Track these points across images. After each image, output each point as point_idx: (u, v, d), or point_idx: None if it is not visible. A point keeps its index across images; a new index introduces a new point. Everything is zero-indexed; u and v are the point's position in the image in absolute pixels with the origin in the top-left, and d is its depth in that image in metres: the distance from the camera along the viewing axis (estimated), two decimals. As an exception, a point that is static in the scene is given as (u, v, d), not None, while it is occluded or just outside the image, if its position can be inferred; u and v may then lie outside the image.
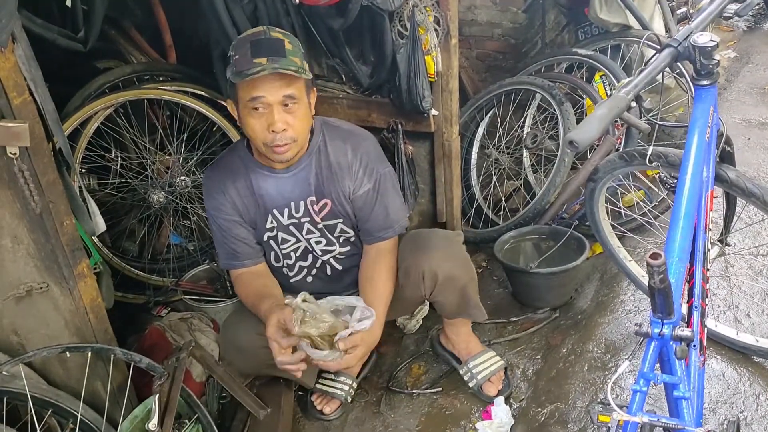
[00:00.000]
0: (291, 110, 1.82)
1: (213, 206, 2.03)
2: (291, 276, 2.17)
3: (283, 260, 2.13)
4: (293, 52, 1.81)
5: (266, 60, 1.75)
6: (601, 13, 3.16)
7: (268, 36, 1.81)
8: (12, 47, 1.48)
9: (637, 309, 2.45)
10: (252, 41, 1.79)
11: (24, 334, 1.87)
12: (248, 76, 1.73)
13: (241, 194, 2.01)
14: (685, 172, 1.56)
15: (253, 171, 2.00)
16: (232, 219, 2.02)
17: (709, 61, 1.62)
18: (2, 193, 1.60)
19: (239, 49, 1.80)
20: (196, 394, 2.10)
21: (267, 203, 2.02)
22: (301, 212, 2.04)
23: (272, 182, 2.00)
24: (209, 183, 2.05)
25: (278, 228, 2.06)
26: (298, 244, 2.10)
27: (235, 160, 2.03)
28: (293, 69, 1.76)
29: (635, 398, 1.23)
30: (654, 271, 1.11)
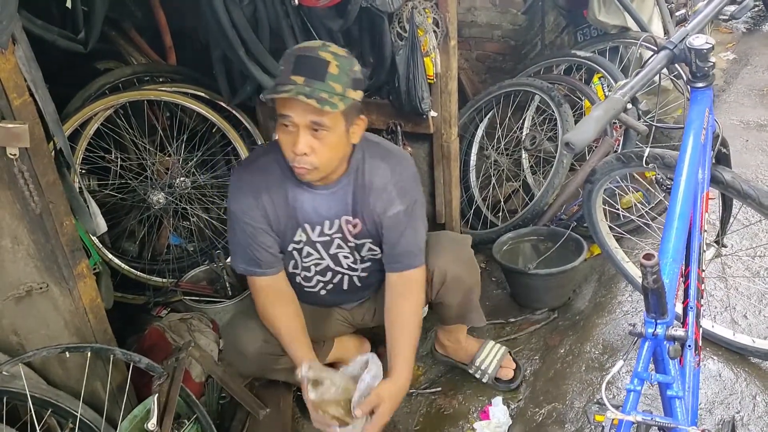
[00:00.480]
0: (319, 136, 1.71)
1: (240, 208, 1.90)
2: (305, 286, 2.10)
3: (301, 271, 2.05)
4: (336, 77, 1.67)
5: (302, 80, 1.65)
6: (600, 15, 3.18)
7: (315, 54, 1.69)
8: (12, 48, 1.49)
9: (634, 310, 2.46)
10: (299, 55, 1.70)
11: (24, 334, 1.88)
12: (276, 93, 1.66)
13: (275, 203, 1.89)
14: (680, 173, 1.57)
15: (290, 180, 1.87)
16: (258, 226, 1.91)
17: (705, 64, 1.63)
18: (2, 193, 1.60)
19: (286, 59, 1.72)
20: (196, 394, 2.11)
21: (299, 217, 1.92)
22: (334, 229, 1.96)
23: (309, 197, 1.90)
24: (240, 183, 1.92)
25: (306, 242, 1.97)
26: (321, 261, 2.02)
27: (272, 165, 1.89)
28: (322, 97, 1.64)
29: (629, 397, 1.24)
30: (647, 272, 1.12)
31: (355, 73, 1.73)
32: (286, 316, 1.99)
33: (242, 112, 3.01)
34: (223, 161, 3.21)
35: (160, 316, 2.78)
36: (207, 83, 2.94)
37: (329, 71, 1.67)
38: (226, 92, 2.80)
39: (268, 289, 1.99)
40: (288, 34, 2.50)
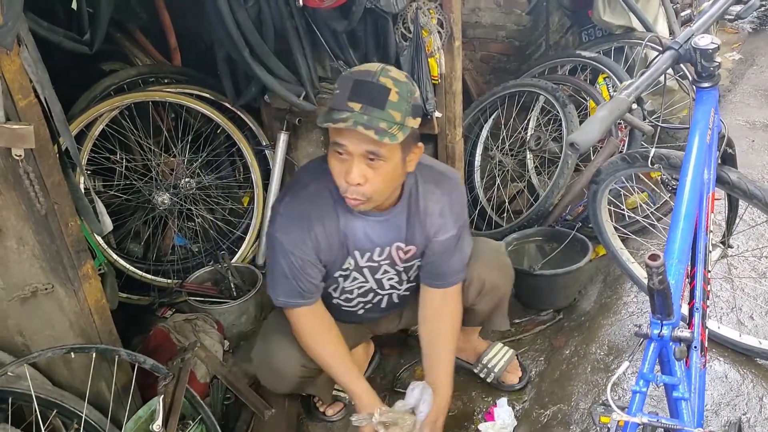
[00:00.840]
0: (374, 166, 1.62)
1: (290, 241, 1.79)
2: (343, 306, 2.05)
3: (342, 294, 2.01)
4: (396, 104, 1.58)
5: (360, 107, 1.56)
6: (605, 16, 3.17)
7: (375, 80, 1.59)
8: (17, 50, 1.50)
9: (639, 311, 2.45)
10: (356, 80, 1.60)
11: (29, 335, 1.89)
12: (333, 122, 1.56)
13: (327, 233, 1.81)
14: (686, 174, 1.56)
15: (342, 207, 1.79)
16: (307, 259, 1.82)
17: (710, 64, 1.62)
18: (7, 194, 1.61)
19: (342, 84, 1.62)
20: (200, 395, 2.11)
21: (350, 245, 1.85)
22: (384, 256, 1.91)
23: (361, 225, 1.83)
24: (291, 214, 1.81)
25: (353, 269, 1.92)
26: (365, 284, 1.98)
27: (323, 192, 1.79)
28: (381, 127, 1.55)
29: (635, 399, 1.23)
30: (653, 272, 1.11)
31: (415, 100, 1.65)
32: (331, 344, 1.95)
33: (247, 113, 3.02)
34: (228, 162, 3.22)
35: (164, 316, 2.78)
36: (212, 84, 2.95)
37: (389, 99, 1.58)
38: (230, 93, 2.81)
39: (309, 316, 1.93)
40: (292, 35, 2.51)
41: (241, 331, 2.75)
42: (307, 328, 1.93)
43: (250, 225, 3.12)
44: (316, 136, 3.01)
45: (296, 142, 3.09)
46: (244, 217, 3.17)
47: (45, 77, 1.59)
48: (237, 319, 2.73)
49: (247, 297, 2.73)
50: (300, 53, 2.57)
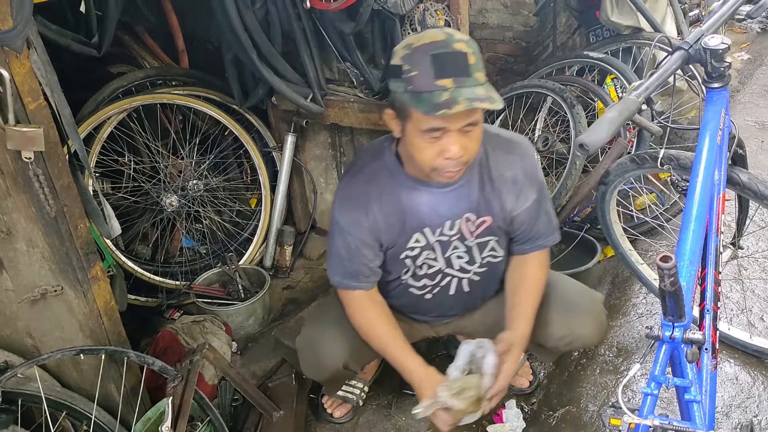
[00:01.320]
0: (470, 134, 1.57)
1: (348, 222, 1.77)
2: (411, 286, 1.95)
3: (409, 275, 1.92)
4: (476, 65, 1.51)
5: (452, 82, 1.47)
6: (613, 16, 3.16)
7: (450, 49, 1.50)
8: (27, 53, 1.50)
9: (649, 312, 2.44)
10: (434, 55, 1.49)
11: (38, 337, 1.89)
12: (437, 108, 1.46)
13: (386, 213, 1.76)
14: (696, 174, 1.55)
15: (403, 185, 1.74)
16: (365, 241, 1.78)
17: (721, 64, 1.61)
18: (17, 197, 1.62)
19: (416, 62, 1.50)
20: (209, 397, 2.11)
21: (415, 222, 1.79)
22: (455, 230, 1.82)
23: (427, 198, 1.76)
24: (349, 195, 1.78)
25: (423, 247, 1.83)
26: (435, 264, 1.89)
27: (381, 172, 1.76)
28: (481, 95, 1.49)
29: (646, 401, 1.22)
30: (664, 274, 1.11)
31: (479, 51, 1.56)
32: (386, 324, 1.89)
33: (254, 115, 3.03)
34: (235, 164, 3.22)
35: (173, 318, 2.78)
36: (219, 86, 2.96)
37: (470, 63, 1.51)
38: (238, 95, 2.82)
39: (363, 299, 1.89)
40: (300, 37, 2.51)
41: (249, 333, 2.76)
42: (360, 310, 1.89)
43: (257, 227, 3.13)
44: (323, 138, 3.02)
45: (303, 144, 3.09)
46: (251, 219, 3.18)
47: (54, 80, 1.60)
48: (245, 320, 2.73)
49: (255, 299, 2.73)
50: (307, 55, 2.58)
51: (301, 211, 3.28)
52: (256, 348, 2.65)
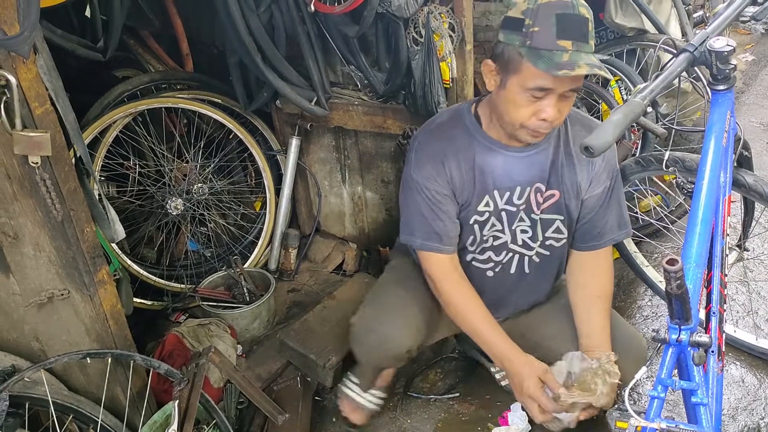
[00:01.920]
0: (568, 99, 1.59)
1: (424, 176, 1.74)
2: (475, 260, 1.90)
3: (477, 246, 1.86)
4: (593, 34, 1.54)
5: (571, 44, 1.49)
6: (617, 18, 3.16)
7: (576, 11, 1.50)
8: (33, 58, 1.51)
9: (654, 315, 2.44)
10: (559, 14, 1.49)
11: (45, 341, 1.90)
12: (558, 69, 1.46)
13: (462, 169, 1.74)
14: (702, 176, 1.55)
15: (479, 144, 1.73)
16: (444, 192, 1.75)
17: (726, 66, 1.61)
18: (24, 201, 1.62)
19: (541, 18, 1.49)
20: (214, 400, 2.11)
21: (488, 182, 1.76)
22: (523, 199, 1.79)
23: (501, 160, 1.74)
24: (425, 149, 1.76)
25: (492, 212, 1.80)
26: (501, 235, 1.85)
27: (458, 128, 1.76)
28: (596, 63, 1.51)
29: (653, 404, 1.22)
30: (671, 277, 1.11)
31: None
32: (479, 302, 1.82)
33: (258, 118, 3.04)
34: (240, 167, 3.23)
35: (178, 321, 2.79)
36: (224, 90, 2.97)
37: (589, 30, 1.52)
38: (242, 99, 2.82)
39: (449, 267, 1.82)
40: (304, 41, 2.52)
41: (254, 336, 2.76)
42: (451, 282, 1.82)
43: (262, 230, 3.13)
44: (328, 141, 3.02)
45: (308, 147, 3.10)
46: (256, 222, 3.19)
47: (59, 85, 1.60)
48: (250, 323, 2.74)
49: (260, 302, 2.73)
50: (311, 58, 2.58)
51: (306, 214, 3.28)
52: (261, 351, 2.65)
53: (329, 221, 3.28)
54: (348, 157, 3.00)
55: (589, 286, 1.87)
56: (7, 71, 1.43)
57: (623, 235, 1.89)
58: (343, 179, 3.09)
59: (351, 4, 2.24)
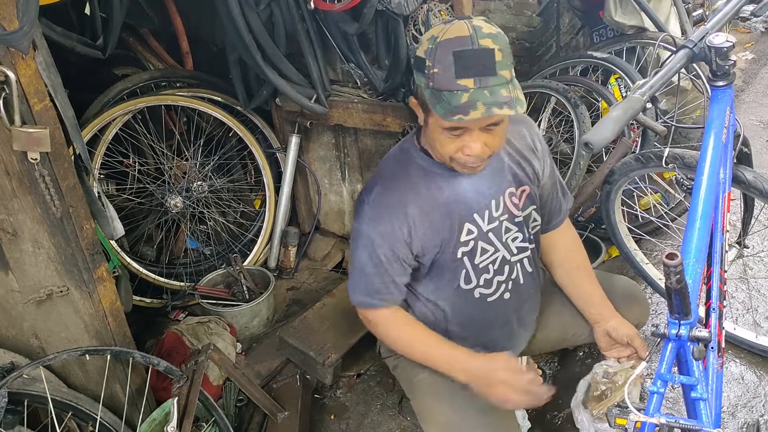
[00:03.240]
0: (493, 131, 1.50)
1: (382, 233, 1.64)
2: (488, 296, 1.80)
3: (477, 279, 1.77)
4: (503, 63, 1.42)
5: (472, 82, 1.40)
6: (617, 16, 3.15)
7: (476, 45, 1.40)
8: (33, 54, 1.51)
9: (654, 312, 2.43)
10: (456, 52, 1.41)
11: (44, 338, 1.90)
12: (454, 112, 1.40)
13: (426, 212, 1.65)
14: (702, 173, 1.55)
15: (440, 177, 1.65)
16: (396, 251, 1.66)
17: (725, 62, 1.60)
18: (24, 198, 1.62)
19: (438, 58, 1.43)
20: (213, 397, 2.11)
21: (464, 210, 1.68)
22: (501, 209, 1.73)
23: (468, 183, 1.67)
24: (384, 202, 1.64)
25: (478, 237, 1.72)
26: (496, 255, 1.77)
27: (412, 170, 1.66)
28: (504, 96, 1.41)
29: (652, 399, 1.22)
30: (671, 272, 1.10)
31: (508, 46, 1.46)
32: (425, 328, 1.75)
33: (258, 116, 3.04)
34: (240, 165, 3.23)
35: (177, 319, 2.79)
36: (223, 88, 2.97)
37: (497, 60, 1.41)
38: (242, 97, 2.82)
39: (389, 316, 1.76)
40: (303, 38, 2.52)
41: (254, 334, 2.76)
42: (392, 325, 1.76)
43: (261, 228, 3.13)
44: (327, 139, 3.02)
45: (307, 145, 3.10)
46: (255, 220, 3.19)
47: (58, 82, 1.60)
48: (249, 321, 2.74)
49: (260, 299, 2.73)
50: (311, 56, 2.58)
51: (305, 212, 3.28)
52: (260, 349, 2.65)
53: (329, 219, 3.27)
54: (348, 155, 3.00)
55: (567, 261, 1.90)
56: (6, 67, 1.43)
57: (570, 201, 1.93)
58: (343, 177, 3.09)
59: (351, 2, 2.24)
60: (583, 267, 1.90)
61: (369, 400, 2.38)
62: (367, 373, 2.51)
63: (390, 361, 1.99)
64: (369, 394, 2.42)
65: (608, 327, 1.78)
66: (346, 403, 2.42)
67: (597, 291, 1.85)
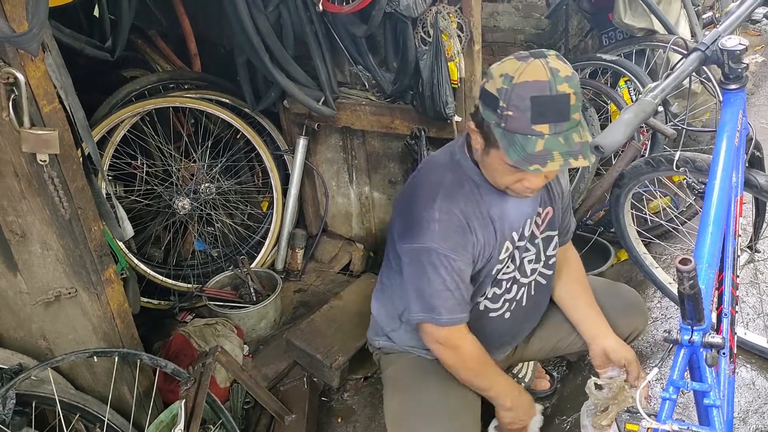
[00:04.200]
0: None
1: (450, 247, 1.60)
2: (491, 310, 1.81)
3: (489, 292, 1.78)
4: (576, 106, 1.41)
5: (548, 128, 1.39)
6: (626, 18, 3.14)
7: (554, 92, 1.38)
8: (42, 56, 1.51)
9: (663, 316, 2.42)
10: (534, 97, 1.38)
11: (52, 339, 1.90)
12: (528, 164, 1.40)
13: (483, 225, 1.64)
14: (714, 177, 1.53)
15: (489, 193, 1.64)
16: (467, 261, 1.64)
17: (738, 65, 1.59)
18: (32, 200, 1.62)
19: (514, 102, 1.39)
20: (221, 400, 2.11)
21: (506, 228, 1.68)
22: (528, 230, 1.75)
23: (513, 202, 1.67)
24: (449, 217, 1.60)
25: (510, 255, 1.74)
26: (512, 273, 1.79)
27: (467, 184, 1.64)
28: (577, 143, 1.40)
29: (665, 406, 1.21)
30: (684, 277, 1.09)
31: (579, 86, 1.45)
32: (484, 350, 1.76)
33: (266, 118, 3.03)
34: (247, 167, 3.23)
35: (185, 321, 2.79)
36: (231, 90, 2.97)
37: (571, 104, 1.40)
38: (250, 98, 2.82)
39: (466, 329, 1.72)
40: (312, 40, 2.51)
41: (261, 336, 2.75)
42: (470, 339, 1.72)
43: (269, 230, 3.13)
44: (335, 141, 3.01)
45: (315, 147, 3.09)
46: (263, 222, 3.18)
47: (68, 83, 1.60)
48: (256, 323, 2.73)
49: (267, 302, 2.73)
50: (319, 58, 2.58)
51: (313, 214, 3.28)
52: (267, 351, 2.65)
53: (336, 221, 3.27)
54: (355, 158, 2.99)
55: (563, 277, 1.92)
56: (16, 69, 1.43)
57: (574, 222, 1.96)
58: (351, 179, 3.08)
59: (359, 4, 2.24)
60: (579, 280, 1.93)
61: (376, 404, 2.37)
62: (374, 376, 2.50)
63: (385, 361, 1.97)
64: (376, 397, 2.41)
65: (607, 347, 1.79)
66: (353, 406, 2.41)
67: (594, 307, 1.87)
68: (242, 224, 3.20)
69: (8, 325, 1.91)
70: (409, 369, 1.85)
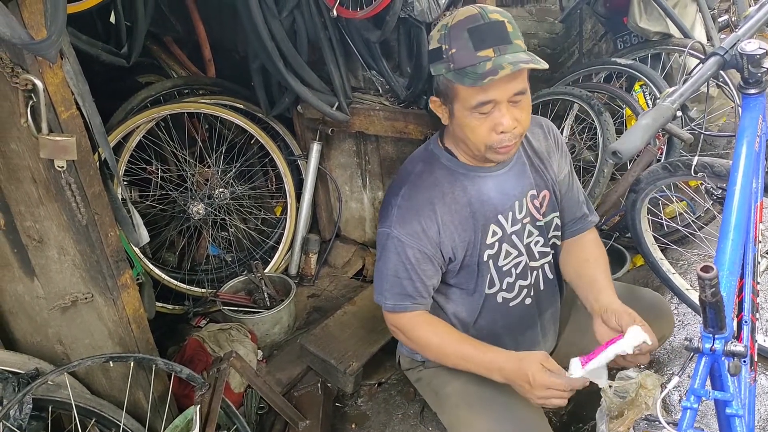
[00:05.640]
0: (520, 104, 1.54)
1: (407, 233, 1.64)
2: (510, 300, 1.81)
3: (500, 282, 1.78)
4: (514, 33, 1.50)
5: (492, 51, 1.46)
6: (641, 22, 3.12)
7: (486, 20, 1.48)
8: (60, 63, 1.52)
9: (681, 323, 2.39)
10: (470, 28, 1.48)
11: (68, 344, 1.91)
12: (481, 77, 1.44)
13: (454, 211, 1.66)
14: (734, 182, 1.51)
15: (465, 177, 1.68)
16: (426, 252, 1.66)
17: (758, 70, 1.57)
18: (50, 205, 1.63)
19: (454, 39, 1.49)
20: (235, 405, 2.11)
21: (489, 211, 1.70)
22: (524, 211, 1.74)
23: (492, 183, 1.69)
24: (409, 203, 1.65)
25: (502, 239, 1.73)
26: (519, 258, 1.78)
27: (437, 170, 1.68)
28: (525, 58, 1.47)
29: (686, 415, 1.19)
30: (706, 285, 1.08)
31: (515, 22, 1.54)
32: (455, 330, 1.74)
33: (280, 123, 3.04)
34: (261, 172, 3.24)
35: (199, 326, 2.79)
36: (245, 95, 2.98)
37: (509, 30, 1.50)
38: (264, 104, 2.83)
39: (417, 318, 1.74)
40: (326, 46, 2.52)
41: (275, 341, 2.75)
42: (420, 328, 1.73)
43: (282, 235, 3.13)
44: (348, 146, 3.01)
45: (329, 152, 3.09)
46: (277, 227, 3.19)
47: (85, 89, 1.61)
48: (270, 328, 2.73)
49: (281, 307, 2.73)
50: (333, 63, 2.58)
51: (326, 219, 3.28)
52: (281, 356, 2.65)
53: (349, 226, 3.27)
54: (369, 162, 2.99)
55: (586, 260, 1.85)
56: (34, 76, 1.44)
57: (595, 218, 1.92)
58: (364, 184, 3.08)
59: (373, 9, 2.24)
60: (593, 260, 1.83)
61: (390, 410, 2.36)
62: (388, 381, 2.49)
63: (412, 374, 1.98)
64: (390, 403, 2.40)
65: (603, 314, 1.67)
66: (367, 412, 2.40)
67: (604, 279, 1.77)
68: (256, 229, 3.21)
69: (25, 330, 1.92)
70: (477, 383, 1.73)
